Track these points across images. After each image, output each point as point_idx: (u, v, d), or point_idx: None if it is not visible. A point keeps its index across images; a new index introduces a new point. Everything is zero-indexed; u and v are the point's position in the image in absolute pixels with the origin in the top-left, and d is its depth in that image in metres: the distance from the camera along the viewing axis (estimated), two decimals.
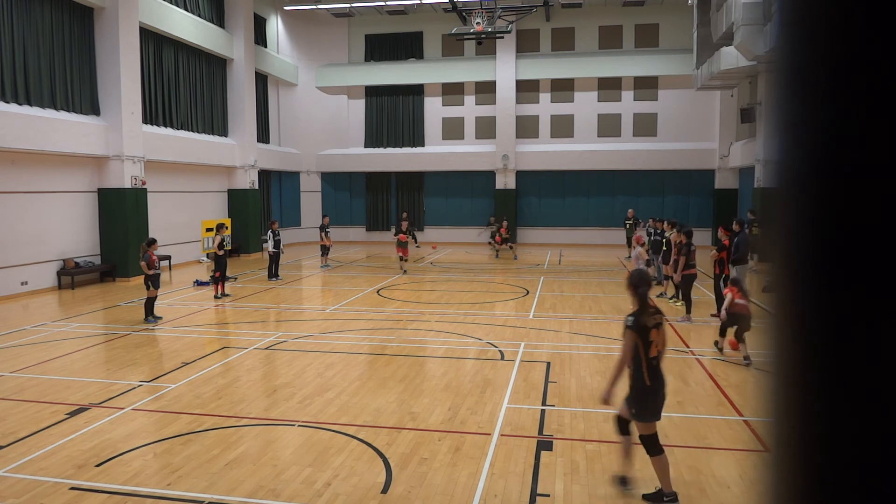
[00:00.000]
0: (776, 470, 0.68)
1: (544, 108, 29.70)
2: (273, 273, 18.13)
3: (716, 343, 10.26)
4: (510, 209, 29.27)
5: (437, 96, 30.44)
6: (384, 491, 5.47)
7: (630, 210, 24.50)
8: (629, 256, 23.59)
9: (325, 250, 21.06)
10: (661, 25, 28.54)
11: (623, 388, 5.25)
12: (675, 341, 10.83)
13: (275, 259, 18.04)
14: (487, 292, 16.25)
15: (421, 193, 30.78)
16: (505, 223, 24.65)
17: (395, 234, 20.14)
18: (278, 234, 17.97)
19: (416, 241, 26.79)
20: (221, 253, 15.13)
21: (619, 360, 5.12)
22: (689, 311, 12.66)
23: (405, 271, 19.76)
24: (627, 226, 23.69)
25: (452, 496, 5.37)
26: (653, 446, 5.15)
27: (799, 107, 0.64)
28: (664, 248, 14.87)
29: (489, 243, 24.81)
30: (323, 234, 20.85)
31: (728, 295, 9.83)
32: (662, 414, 7.19)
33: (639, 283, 5.13)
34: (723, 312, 9.99)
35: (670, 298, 14.62)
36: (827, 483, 0.62)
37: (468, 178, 30.11)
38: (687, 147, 28.35)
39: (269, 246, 17.90)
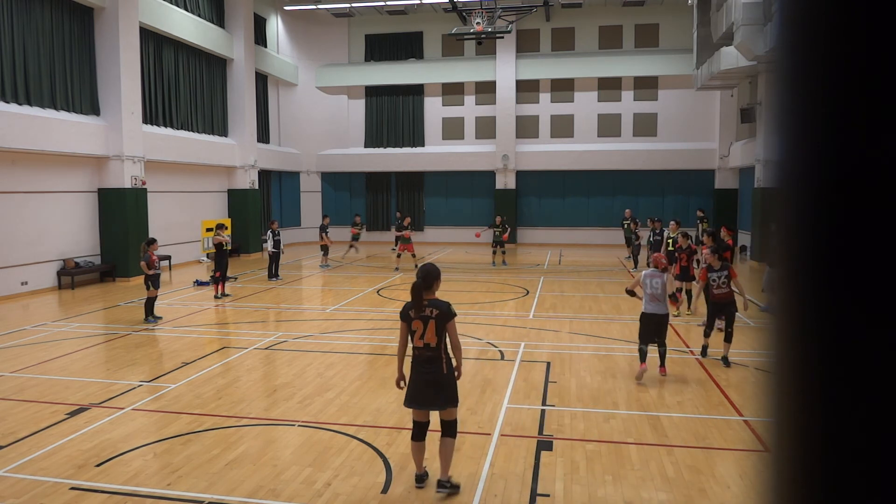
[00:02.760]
0: (776, 470, 0.68)
1: (544, 108, 29.69)
2: (273, 273, 18.14)
3: (703, 349, 9.65)
4: (510, 209, 29.25)
5: (437, 96, 30.43)
6: (384, 491, 5.47)
7: (627, 210, 24.32)
8: (629, 256, 23.64)
9: (325, 250, 21.07)
10: (661, 25, 28.53)
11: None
12: (675, 342, 10.83)
13: (274, 259, 18.05)
14: (487, 292, 16.25)
15: (421, 193, 30.78)
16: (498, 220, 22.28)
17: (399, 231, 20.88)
18: (278, 234, 17.97)
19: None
20: (226, 248, 15.22)
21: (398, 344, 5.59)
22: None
23: (397, 268, 20.42)
24: (625, 225, 23.63)
25: (452, 496, 5.37)
26: (415, 432, 5.49)
27: (799, 107, 0.64)
28: (670, 248, 14.63)
29: (494, 252, 21.85)
30: (323, 234, 20.86)
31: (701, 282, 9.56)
32: (662, 414, 7.23)
33: (418, 275, 5.43)
34: (693, 302, 9.64)
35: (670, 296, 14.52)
36: (827, 483, 0.62)
37: (468, 178, 30.11)
38: (687, 147, 28.35)
39: (269, 246, 17.91)
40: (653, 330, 8.51)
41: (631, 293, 8.83)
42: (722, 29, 19.18)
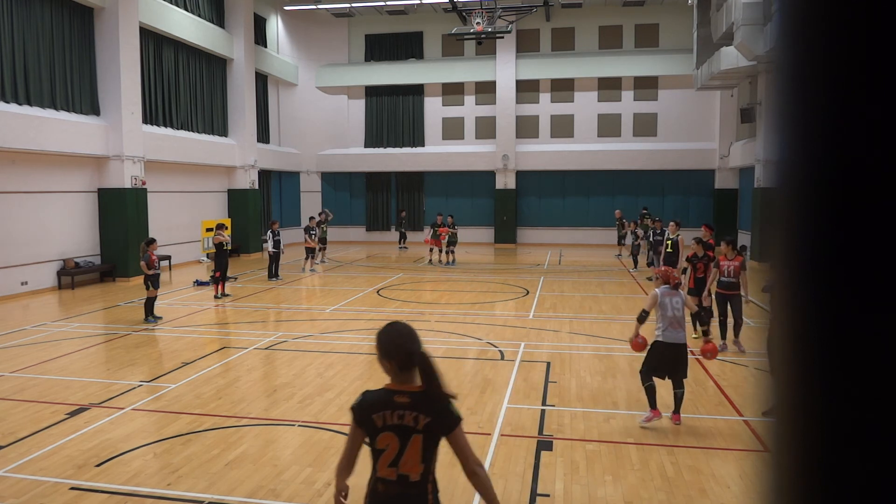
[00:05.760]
0: (776, 470, 0.68)
1: (544, 108, 29.69)
2: (273, 273, 18.13)
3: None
4: (510, 209, 29.27)
5: (437, 96, 30.43)
6: None
7: (617, 211, 24.88)
8: (619, 254, 24.10)
9: (310, 253, 20.14)
10: (661, 25, 28.53)
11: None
12: None
13: (275, 259, 18.03)
14: (487, 292, 16.25)
15: (421, 193, 30.78)
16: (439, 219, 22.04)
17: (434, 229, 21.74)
18: (278, 234, 17.94)
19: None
20: (226, 248, 15.22)
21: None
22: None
23: (431, 262, 21.74)
24: (622, 225, 24.18)
25: (452, 496, 5.37)
26: None
27: (799, 106, 0.64)
28: (668, 249, 14.48)
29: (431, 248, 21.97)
30: (307, 236, 19.86)
31: None
32: (663, 414, 7.21)
33: (390, 342, 3.05)
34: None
35: None
36: (827, 483, 0.62)
37: (468, 178, 30.11)
38: (687, 147, 28.35)
39: (269, 246, 17.89)
40: (670, 364, 6.77)
41: (645, 317, 6.82)
42: (722, 29, 19.19)
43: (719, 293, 10.13)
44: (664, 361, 6.77)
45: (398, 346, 2.96)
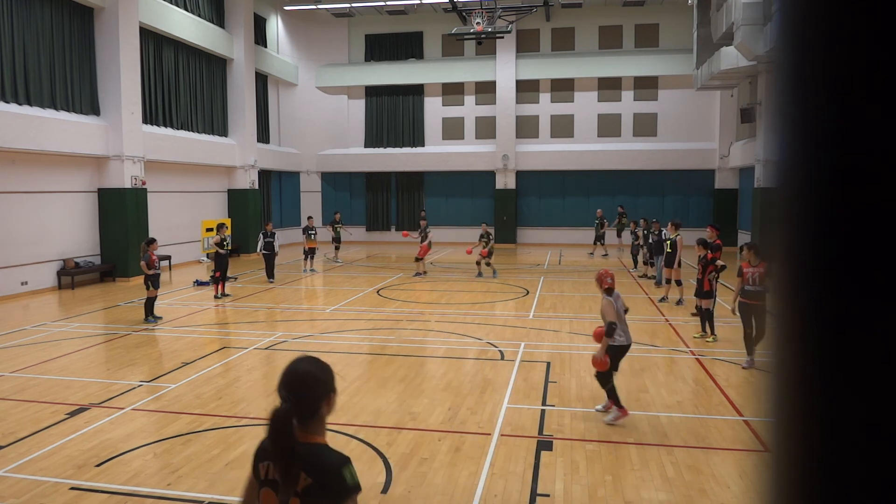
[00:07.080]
0: (776, 470, 0.68)
1: (544, 108, 29.69)
2: (268, 274, 17.84)
3: None
4: (510, 209, 29.27)
5: (437, 96, 30.43)
6: (384, 491, 5.47)
7: (599, 210, 25.00)
8: (592, 253, 24.40)
9: (310, 254, 19.83)
10: (661, 25, 28.53)
11: None
12: (674, 341, 10.82)
13: (268, 260, 17.70)
14: (487, 292, 16.25)
15: (421, 193, 30.78)
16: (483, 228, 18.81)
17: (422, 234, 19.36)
18: (269, 236, 17.52)
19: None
20: (223, 251, 15.07)
21: None
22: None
23: (419, 273, 19.07)
24: (601, 223, 24.43)
25: (452, 496, 5.37)
26: None
27: (799, 106, 0.64)
28: (668, 249, 14.40)
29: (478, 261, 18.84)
30: (306, 236, 19.65)
31: None
32: (662, 414, 7.23)
33: (282, 389, 2.33)
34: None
35: (661, 299, 14.47)
36: (827, 483, 0.62)
37: (468, 178, 30.11)
38: (687, 147, 28.35)
39: (259, 247, 17.55)
40: (617, 364, 7.10)
41: (615, 330, 6.85)
42: (722, 29, 19.18)
43: (743, 303, 9.09)
44: (616, 361, 7.11)
45: (278, 390, 2.31)
